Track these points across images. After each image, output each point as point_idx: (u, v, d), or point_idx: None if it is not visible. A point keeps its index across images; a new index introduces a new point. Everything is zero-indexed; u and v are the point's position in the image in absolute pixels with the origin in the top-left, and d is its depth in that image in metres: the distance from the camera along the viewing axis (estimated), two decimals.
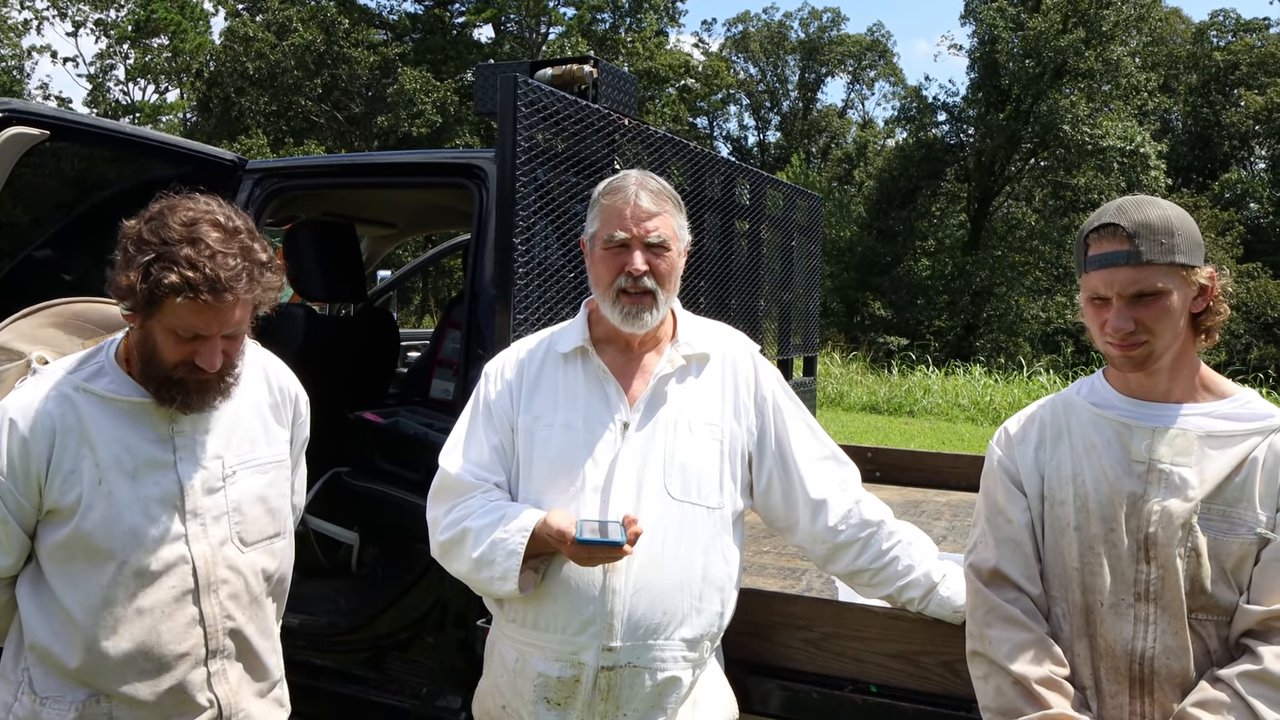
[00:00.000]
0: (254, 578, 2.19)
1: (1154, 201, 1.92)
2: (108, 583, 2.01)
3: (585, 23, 35.54)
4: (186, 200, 1.99)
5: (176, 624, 2.06)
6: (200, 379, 2.02)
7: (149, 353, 2.00)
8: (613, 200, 2.25)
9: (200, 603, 2.09)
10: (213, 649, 2.11)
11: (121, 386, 2.07)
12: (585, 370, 2.31)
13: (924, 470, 4.69)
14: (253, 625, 2.19)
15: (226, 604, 2.13)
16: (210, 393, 2.06)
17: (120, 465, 2.03)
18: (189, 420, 2.10)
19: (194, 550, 2.08)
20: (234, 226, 1.98)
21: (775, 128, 47.40)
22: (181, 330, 1.94)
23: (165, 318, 1.93)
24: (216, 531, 2.12)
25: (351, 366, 4.61)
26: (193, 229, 1.92)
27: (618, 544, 2.03)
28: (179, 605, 2.06)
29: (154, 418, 2.07)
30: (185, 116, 39.33)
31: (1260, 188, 34.41)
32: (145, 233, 1.93)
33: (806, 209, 5.52)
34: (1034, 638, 2.01)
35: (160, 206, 1.97)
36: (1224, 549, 1.90)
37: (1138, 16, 29.93)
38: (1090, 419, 2.05)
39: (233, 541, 2.14)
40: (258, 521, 2.20)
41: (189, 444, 2.10)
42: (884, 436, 13.49)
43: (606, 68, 3.55)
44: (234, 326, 1.99)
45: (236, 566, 2.14)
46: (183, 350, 1.97)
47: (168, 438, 2.08)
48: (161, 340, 1.97)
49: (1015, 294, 29.26)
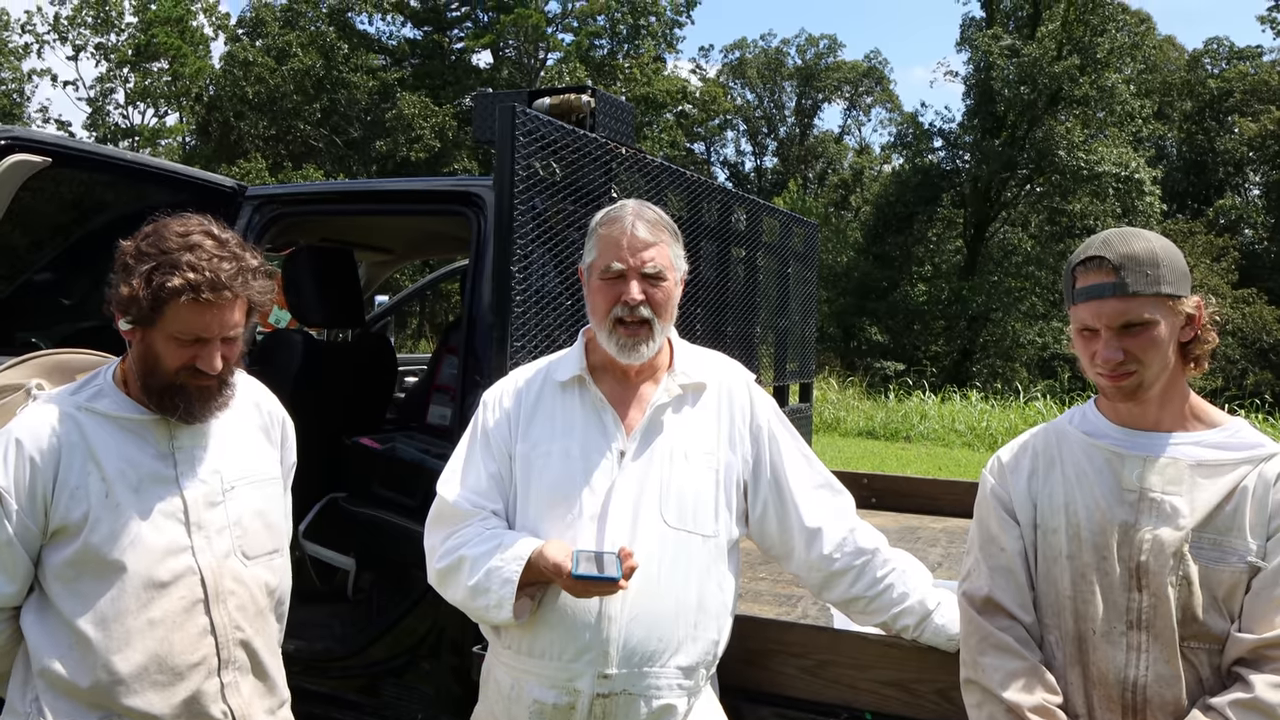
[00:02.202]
0: (259, 591, 2.22)
1: (1139, 233, 1.95)
2: (117, 595, 2.03)
3: (583, 49, 35.79)
4: (177, 218, 2.09)
5: (189, 634, 2.09)
6: (202, 384, 2.09)
7: (151, 363, 2.06)
8: (609, 230, 2.27)
9: (211, 613, 2.12)
10: (225, 659, 2.14)
11: (122, 406, 2.12)
12: (582, 399, 2.33)
13: (920, 496, 4.69)
14: (260, 639, 2.22)
15: (235, 615, 2.16)
16: (211, 400, 2.13)
17: (125, 479, 2.07)
18: (188, 435, 2.15)
19: (200, 561, 2.11)
20: (225, 237, 2.09)
21: (772, 153, 47.67)
22: (183, 334, 2.02)
23: (168, 323, 2.01)
24: (220, 544, 2.15)
25: (349, 392, 4.63)
26: (188, 238, 2.03)
27: (613, 579, 2.04)
28: (190, 615, 2.09)
29: (154, 434, 2.13)
30: (184, 140, 39.51)
31: (1255, 214, 34.59)
32: (144, 246, 2.03)
33: (802, 236, 5.55)
34: (1027, 666, 2.02)
35: (154, 225, 2.07)
36: (1215, 577, 1.92)
37: (1132, 44, 30.23)
38: (1082, 448, 2.07)
39: (236, 555, 2.18)
40: (258, 536, 2.24)
41: (188, 458, 2.15)
42: (880, 462, 13.50)
43: (604, 97, 3.58)
44: (232, 329, 2.07)
45: (241, 579, 2.18)
46: (184, 355, 2.04)
47: (168, 453, 2.13)
48: (163, 347, 2.04)
49: (1011, 319, 29.31)
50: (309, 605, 4.11)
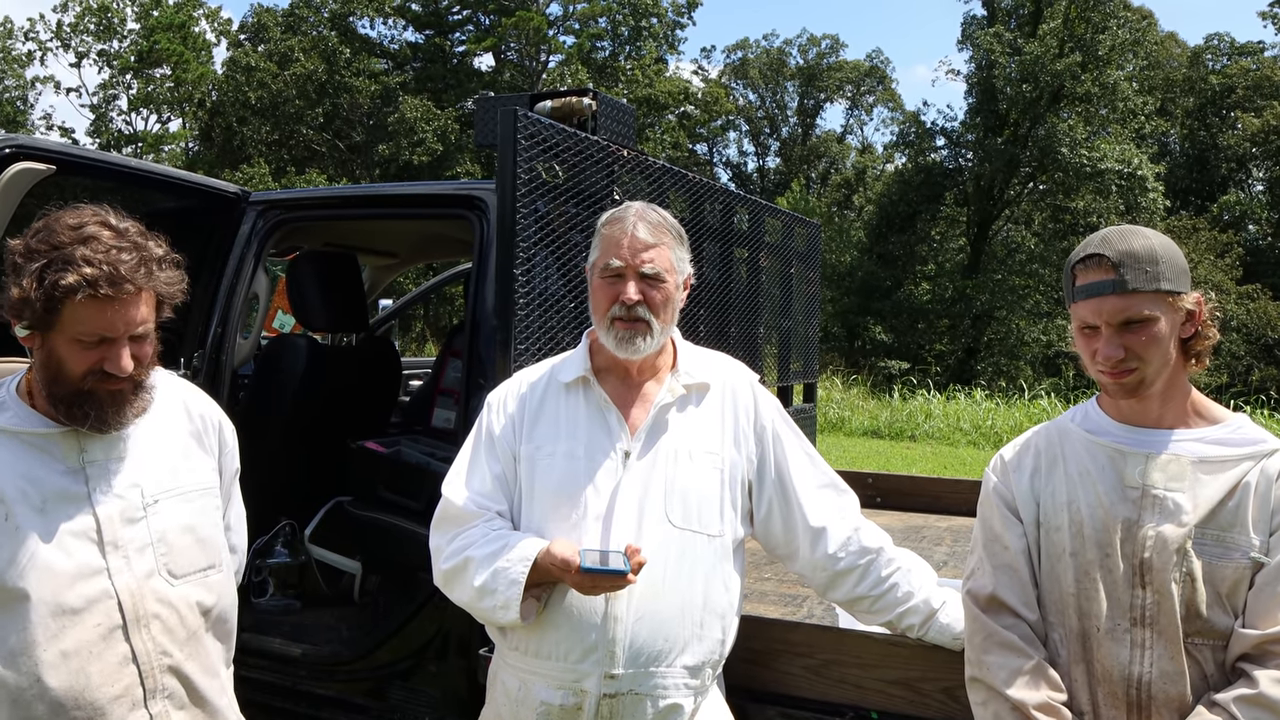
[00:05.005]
0: (189, 611, 2.05)
1: (1138, 231, 1.96)
2: (23, 626, 1.86)
3: (585, 51, 35.82)
4: (69, 210, 1.92)
5: (107, 664, 1.92)
6: (112, 388, 1.92)
7: (54, 369, 1.90)
8: (612, 230, 2.29)
9: (131, 639, 1.95)
10: (150, 689, 1.97)
11: (25, 420, 1.95)
12: (587, 400, 2.34)
13: (925, 495, 4.70)
14: (194, 663, 2.06)
15: (161, 640, 1.99)
16: (124, 405, 1.96)
17: (26, 499, 1.90)
18: (100, 448, 1.98)
19: (117, 584, 1.94)
20: (124, 226, 1.92)
21: (775, 153, 47.65)
22: (86, 336, 1.86)
23: (67, 325, 1.84)
24: (141, 564, 1.98)
25: (353, 396, 4.64)
26: (81, 230, 1.86)
27: (621, 572, 2.04)
28: (107, 644, 1.92)
29: (62, 448, 1.95)
30: (187, 146, 39.58)
31: (1258, 209, 34.53)
32: (34, 243, 1.85)
33: (805, 236, 5.56)
34: (1032, 663, 2.02)
35: (44, 220, 1.90)
36: (1218, 573, 1.92)
37: (1133, 41, 30.17)
38: (1084, 445, 2.08)
39: (160, 574, 2.00)
40: (187, 553, 2.06)
41: (102, 473, 1.97)
42: (885, 461, 13.50)
43: (606, 100, 3.59)
44: (139, 325, 1.91)
45: (168, 600, 2.01)
46: (89, 358, 1.88)
47: (79, 468, 1.96)
48: (66, 352, 1.87)
49: (1016, 317, 29.26)
50: (315, 609, 4.13)
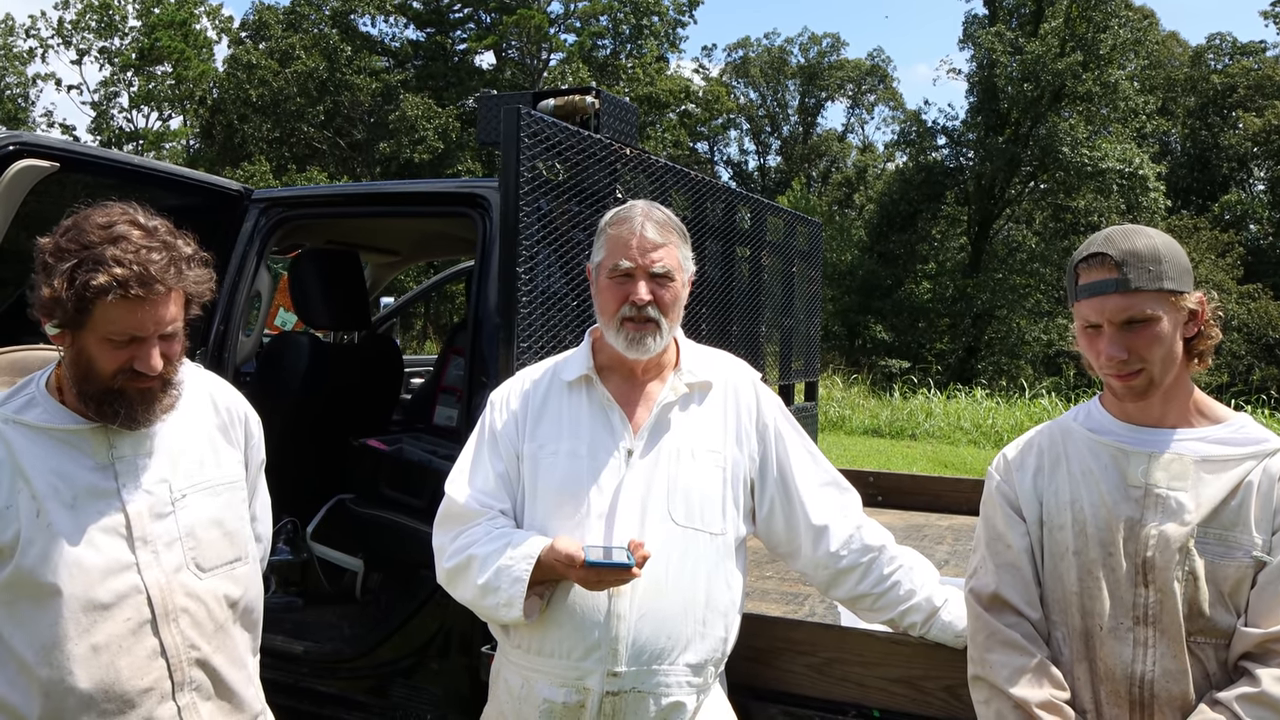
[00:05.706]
0: (217, 605, 2.07)
1: (1140, 230, 1.96)
2: (55, 620, 1.89)
3: (586, 49, 35.80)
4: (98, 208, 1.92)
5: (136, 658, 1.94)
6: (142, 386, 1.94)
7: (85, 368, 1.91)
8: (619, 230, 2.28)
9: (160, 633, 1.97)
10: (179, 681, 2.00)
11: (55, 416, 1.97)
12: (589, 398, 2.34)
13: (926, 494, 4.70)
14: (221, 655, 2.08)
15: (189, 633, 2.01)
16: (154, 403, 1.97)
17: (57, 495, 1.92)
18: (129, 444, 2.00)
19: (147, 579, 1.96)
20: (153, 225, 1.92)
21: (776, 152, 47.68)
22: (116, 335, 1.87)
23: (98, 324, 1.85)
24: (170, 558, 2.00)
25: (356, 394, 4.64)
26: (111, 230, 1.86)
27: (626, 566, 2.05)
28: (137, 638, 1.95)
29: (91, 444, 1.97)
30: (189, 143, 39.57)
31: (1260, 209, 34.52)
32: (63, 242, 1.86)
33: (806, 234, 5.56)
34: (1034, 662, 2.02)
35: (73, 219, 1.90)
36: (1221, 572, 1.92)
37: (1135, 40, 30.15)
38: (1087, 445, 2.08)
39: (188, 568, 2.03)
40: (214, 546, 2.08)
41: (131, 469, 1.99)
42: (886, 460, 13.50)
43: (608, 98, 3.60)
44: (169, 324, 1.92)
45: (196, 594, 2.03)
46: (120, 357, 1.89)
47: (108, 464, 1.98)
48: (96, 351, 1.88)
49: (1016, 316, 29.25)
50: (317, 607, 4.13)
